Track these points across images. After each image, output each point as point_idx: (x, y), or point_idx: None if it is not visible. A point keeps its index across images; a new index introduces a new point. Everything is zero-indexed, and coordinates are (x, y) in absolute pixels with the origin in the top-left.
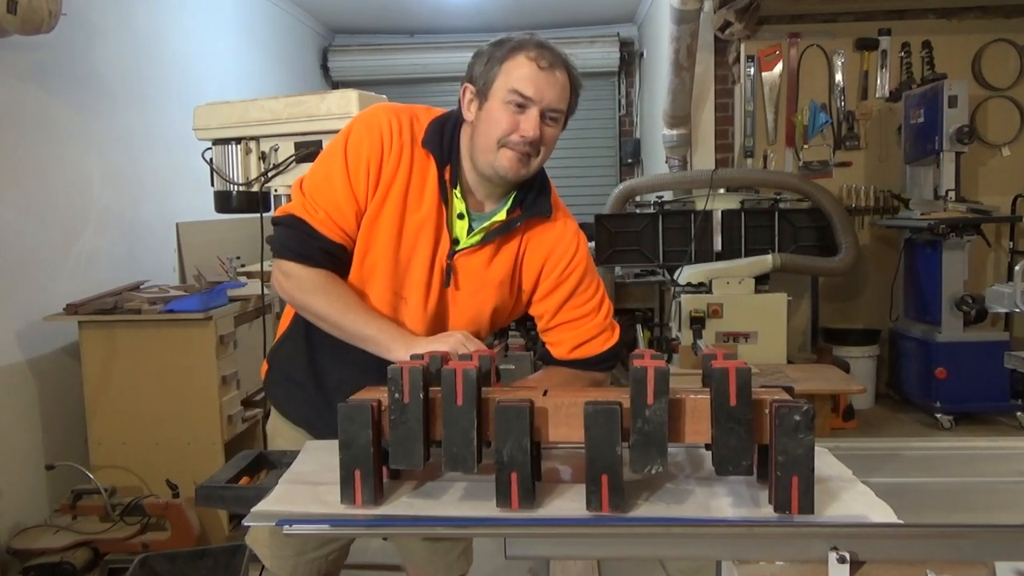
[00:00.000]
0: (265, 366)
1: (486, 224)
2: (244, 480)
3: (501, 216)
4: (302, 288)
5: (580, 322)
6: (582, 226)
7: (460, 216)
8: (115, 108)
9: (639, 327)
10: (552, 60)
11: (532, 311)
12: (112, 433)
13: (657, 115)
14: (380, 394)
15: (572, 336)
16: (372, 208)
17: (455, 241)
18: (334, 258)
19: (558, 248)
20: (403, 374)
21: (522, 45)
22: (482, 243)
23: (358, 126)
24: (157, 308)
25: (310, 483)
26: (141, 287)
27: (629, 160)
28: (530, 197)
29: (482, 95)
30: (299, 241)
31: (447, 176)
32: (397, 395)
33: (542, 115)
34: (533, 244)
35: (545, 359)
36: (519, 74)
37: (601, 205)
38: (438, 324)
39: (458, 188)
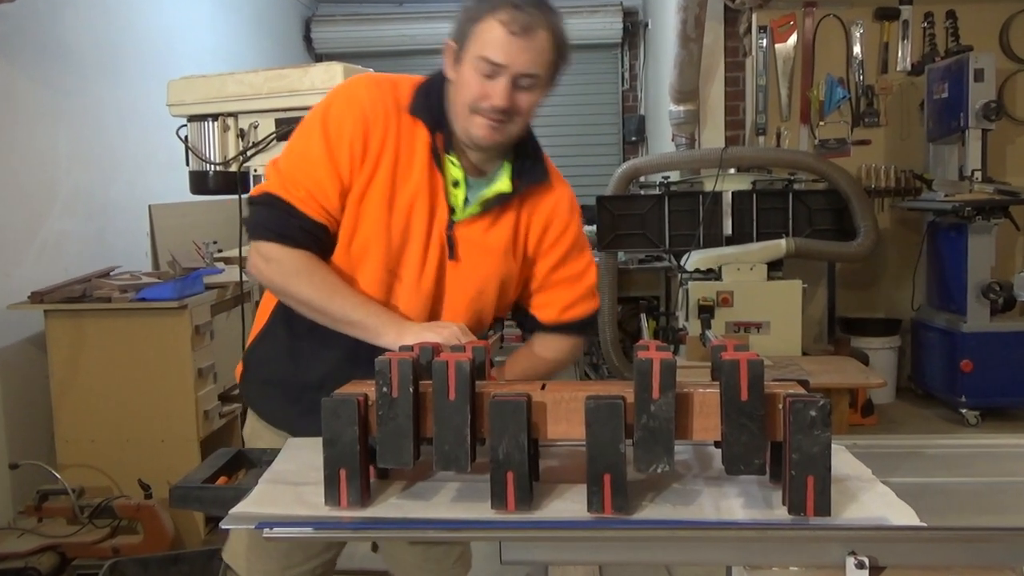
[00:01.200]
0: (240, 367)
1: (486, 194)
2: (221, 480)
3: (504, 187)
4: (283, 271)
5: (573, 282)
6: (583, 208)
7: (455, 184)
8: (84, 82)
9: (643, 316)
10: (528, 23)
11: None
12: (80, 430)
13: (663, 90)
14: (367, 388)
15: (564, 296)
16: (359, 185)
17: (452, 211)
18: (316, 239)
19: (557, 213)
20: (392, 366)
21: (495, 7)
22: (481, 213)
23: (338, 100)
24: (128, 296)
25: (292, 483)
26: (111, 274)
27: (633, 138)
28: (527, 164)
29: (458, 56)
30: (278, 221)
31: (439, 143)
32: (385, 389)
33: (514, 81)
34: (533, 211)
35: (531, 326)
36: (488, 38)
37: (603, 186)
38: (435, 304)
39: (453, 154)
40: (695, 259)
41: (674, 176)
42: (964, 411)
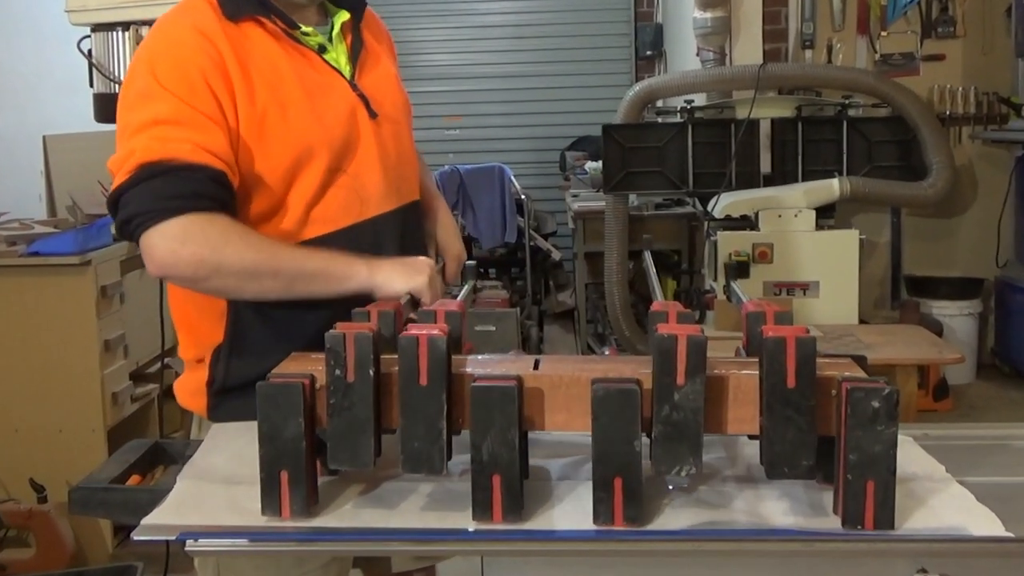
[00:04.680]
0: (203, 392)
1: (335, 29)
2: (134, 479)
3: (344, 16)
4: (210, 243)
5: None
6: (586, 139)
7: (323, 49)
8: None
9: (649, 260)
10: None
11: None
12: None
13: None
14: (314, 366)
15: None
16: (246, 120)
17: (340, 73)
18: (226, 196)
19: (378, 20)
20: (346, 343)
21: None
22: (356, 56)
23: (160, 59)
24: (17, 250)
25: (221, 481)
26: None
27: (648, 52)
28: None
29: None
30: (174, 187)
31: (280, 23)
32: (338, 371)
33: None
34: (369, 28)
35: None
36: None
37: (611, 112)
38: (394, 184)
39: (300, 27)
40: (726, 204)
41: (699, 100)
42: None
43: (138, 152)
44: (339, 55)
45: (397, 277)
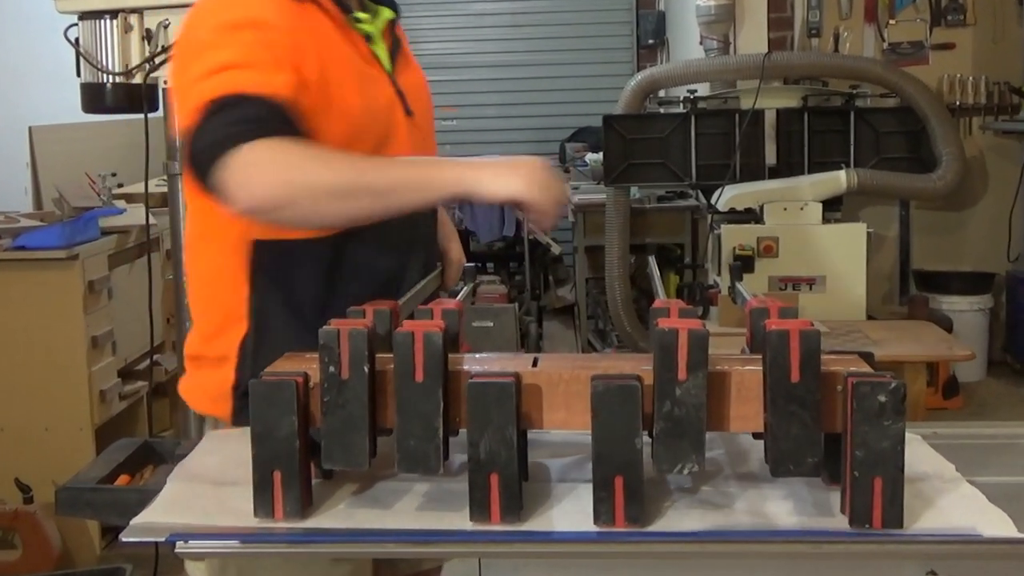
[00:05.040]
0: (228, 397)
1: (380, 25)
2: (123, 479)
3: (388, 13)
4: (294, 164)
5: None
6: (586, 130)
7: (370, 39)
8: None
9: (653, 263)
10: None
11: None
12: None
13: None
14: (307, 364)
15: None
16: (310, 84)
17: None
18: (295, 130)
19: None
20: (340, 339)
21: None
22: (393, 56)
23: (228, 9)
24: (2, 243)
25: (213, 482)
26: None
27: (650, 41)
28: None
29: None
30: (248, 111)
31: (334, 5)
32: (332, 368)
33: None
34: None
35: None
36: None
37: (612, 102)
38: None
39: (353, 11)
40: (730, 196)
41: (702, 90)
42: None
43: (205, 94)
44: (381, 50)
45: (506, 179)
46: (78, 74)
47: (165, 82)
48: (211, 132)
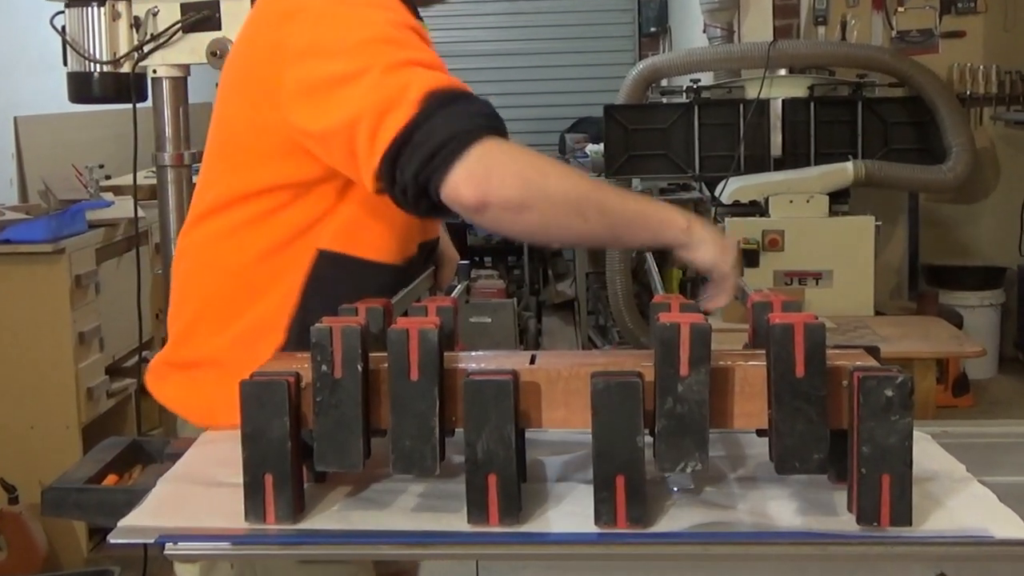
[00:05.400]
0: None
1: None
2: (111, 479)
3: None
4: (531, 165)
5: None
6: (586, 120)
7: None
8: None
9: (650, 258)
10: None
11: None
12: None
13: None
14: (299, 364)
15: None
16: None
17: None
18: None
19: None
20: (333, 337)
21: None
22: None
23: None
24: None
25: (203, 483)
26: None
27: (652, 29)
28: None
29: None
30: (481, 107)
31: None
32: (325, 367)
33: None
34: None
35: None
36: None
37: (613, 92)
38: None
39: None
40: (734, 188)
41: (706, 79)
42: None
43: (414, 85)
44: None
45: (711, 245)
46: (65, 63)
47: (154, 72)
48: (449, 124)
